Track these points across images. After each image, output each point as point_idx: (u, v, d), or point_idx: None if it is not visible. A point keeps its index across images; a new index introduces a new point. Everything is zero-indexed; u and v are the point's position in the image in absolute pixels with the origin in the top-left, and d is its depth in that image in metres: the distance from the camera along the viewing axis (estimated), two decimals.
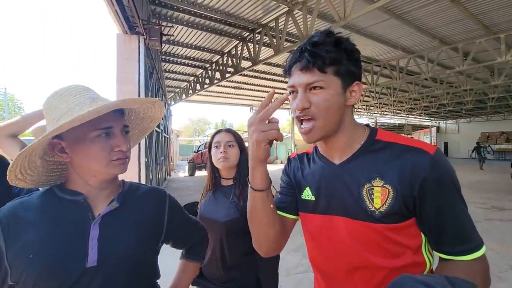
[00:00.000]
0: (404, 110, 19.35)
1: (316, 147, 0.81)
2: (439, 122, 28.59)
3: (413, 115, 22.56)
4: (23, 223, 0.63)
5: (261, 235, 0.76)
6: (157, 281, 0.80)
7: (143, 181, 4.37)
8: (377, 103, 15.84)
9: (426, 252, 0.67)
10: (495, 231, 4.43)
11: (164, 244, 0.83)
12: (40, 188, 0.73)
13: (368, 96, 13.83)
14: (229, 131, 1.33)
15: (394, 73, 8.84)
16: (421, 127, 28.76)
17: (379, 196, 0.64)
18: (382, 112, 20.39)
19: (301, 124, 0.69)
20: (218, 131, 1.33)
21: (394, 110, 18.95)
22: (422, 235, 0.66)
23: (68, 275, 0.61)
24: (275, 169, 17.40)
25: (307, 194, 0.77)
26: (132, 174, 4.01)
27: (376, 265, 0.66)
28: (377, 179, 0.65)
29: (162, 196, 0.83)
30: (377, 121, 24.80)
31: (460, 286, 0.53)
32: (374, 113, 21.08)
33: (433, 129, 27.29)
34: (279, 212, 0.84)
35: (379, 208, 0.64)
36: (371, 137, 0.71)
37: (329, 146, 0.73)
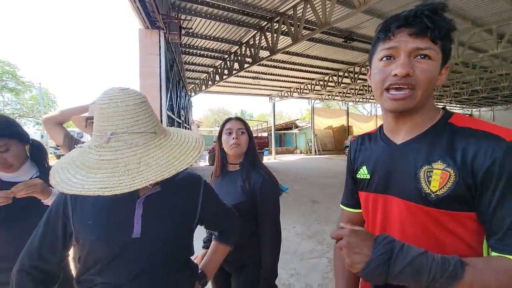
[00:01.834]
0: (434, 98, 18.28)
1: (381, 127, 0.78)
2: (471, 110, 26.72)
3: (442, 103, 21.24)
4: (84, 195, 0.72)
5: None
6: (190, 257, 0.91)
7: None
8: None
9: (486, 249, 0.60)
10: None
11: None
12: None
13: None
14: (239, 119, 1.40)
15: None
16: None
17: (437, 179, 0.60)
18: None
19: (389, 92, 0.63)
20: (229, 119, 1.40)
21: None
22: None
23: (116, 242, 0.74)
24: (295, 158, 17.41)
25: (363, 172, 0.77)
26: None
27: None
28: (439, 161, 0.61)
29: (198, 182, 0.92)
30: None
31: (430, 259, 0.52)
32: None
33: None
34: (346, 209, 0.88)
35: (435, 191, 0.60)
36: (443, 120, 0.66)
37: (399, 124, 0.69)
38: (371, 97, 17.19)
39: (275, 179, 1.37)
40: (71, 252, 1.58)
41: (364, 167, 0.77)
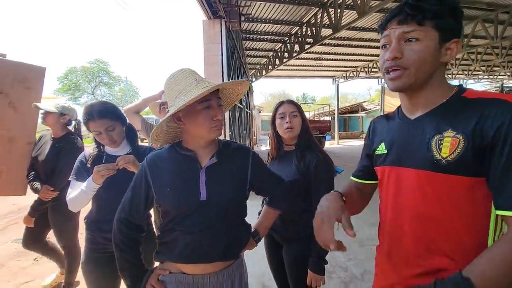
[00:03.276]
0: None
1: (399, 107, 0.82)
2: None
3: None
4: (160, 167, 0.95)
5: None
6: (245, 218, 1.07)
7: None
8: (503, 62, 12.26)
9: (494, 220, 0.63)
10: None
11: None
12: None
13: (490, 54, 10.79)
14: (292, 102, 1.43)
15: None
16: None
17: (448, 146, 0.63)
18: None
19: (388, 74, 0.71)
20: (281, 103, 1.43)
21: None
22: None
23: (190, 204, 0.92)
24: (359, 144, 16.28)
25: (381, 148, 0.82)
26: None
27: (431, 218, 0.67)
28: (449, 130, 0.64)
29: (246, 153, 1.05)
30: (504, 85, 19.30)
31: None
32: (500, 75, 16.45)
33: None
34: (357, 180, 0.96)
35: (446, 157, 0.63)
36: (457, 95, 0.69)
37: (412, 102, 0.74)
38: (454, 73, 14.51)
39: (330, 159, 1.37)
40: (153, 215, 1.92)
41: (383, 144, 0.82)
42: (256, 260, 2.67)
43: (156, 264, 1.04)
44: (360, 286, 2.28)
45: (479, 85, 18.71)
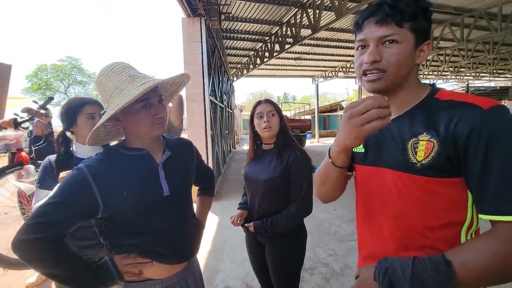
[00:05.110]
0: (509, 70, 15.52)
1: None
2: None
3: (507, 77, 17.93)
4: (107, 173, 0.82)
5: (326, 192, 0.87)
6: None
7: (209, 152, 4.90)
8: (469, 63, 13.10)
9: (471, 211, 0.65)
10: None
11: None
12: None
13: (457, 56, 11.50)
14: (269, 101, 1.44)
15: (494, 23, 7.10)
16: None
17: (423, 149, 0.65)
18: (477, 74, 16.80)
19: (366, 76, 0.71)
20: (259, 102, 1.44)
21: (494, 70, 15.39)
22: (470, 196, 0.64)
23: (154, 201, 0.89)
24: None
25: (359, 147, 0.82)
26: (200, 145, 4.54)
27: (408, 217, 0.69)
28: (424, 133, 0.66)
29: (191, 145, 1.12)
30: (470, 85, 20.62)
31: (422, 270, 0.59)
32: (466, 76, 17.56)
33: None
34: None
35: (421, 161, 0.65)
36: (430, 96, 0.71)
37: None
38: (425, 74, 15.33)
39: (309, 157, 1.40)
40: None
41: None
42: (239, 262, 2.67)
43: None
44: (341, 281, 2.35)
45: (447, 85, 19.84)
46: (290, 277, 1.38)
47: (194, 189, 1.15)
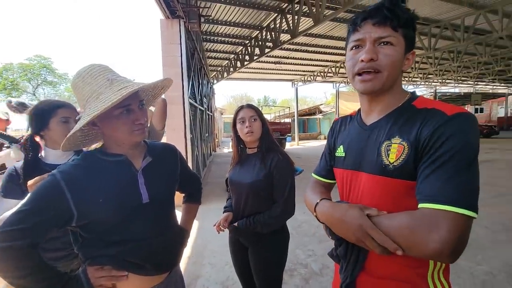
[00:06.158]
0: (471, 77, 16.77)
1: (359, 110, 0.87)
2: None
3: (484, 82, 19.40)
4: (82, 180, 0.78)
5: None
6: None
7: (189, 156, 4.83)
8: (436, 70, 14.01)
9: None
10: None
11: None
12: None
13: (425, 63, 12.27)
14: (251, 106, 1.46)
15: (458, 33, 7.66)
16: (494, 96, 24.72)
17: (394, 151, 0.68)
18: (443, 81, 17.99)
19: (360, 76, 0.73)
20: (241, 108, 1.46)
21: (458, 78, 16.56)
22: None
23: (132, 208, 0.84)
24: (318, 144, 17.15)
25: (340, 151, 0.87)
26: (180, 148, 4.44)
27: None
28: (397, 137, 0.70)
29: (175, 150, 1.08)
30: (437, 90, 22.02)
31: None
32: (434, 82, 18.74)
33: (510, 98, 23.21)
34: (323, 180, 0.99)
35: (392, 163, 0.68)
36: (407, 102, 0.74)
37: (372, 106, 0.79)
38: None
39: (290, 159, 1.43)
40: None
41: (341, 146, 0.88)
42: (219, 267, 2.65)
43: None
44: (320, 281, 2.40)
45: (417, 90, 21.05)
46: (272, 279, 1.39)
47: (179, 196, 1.12)
